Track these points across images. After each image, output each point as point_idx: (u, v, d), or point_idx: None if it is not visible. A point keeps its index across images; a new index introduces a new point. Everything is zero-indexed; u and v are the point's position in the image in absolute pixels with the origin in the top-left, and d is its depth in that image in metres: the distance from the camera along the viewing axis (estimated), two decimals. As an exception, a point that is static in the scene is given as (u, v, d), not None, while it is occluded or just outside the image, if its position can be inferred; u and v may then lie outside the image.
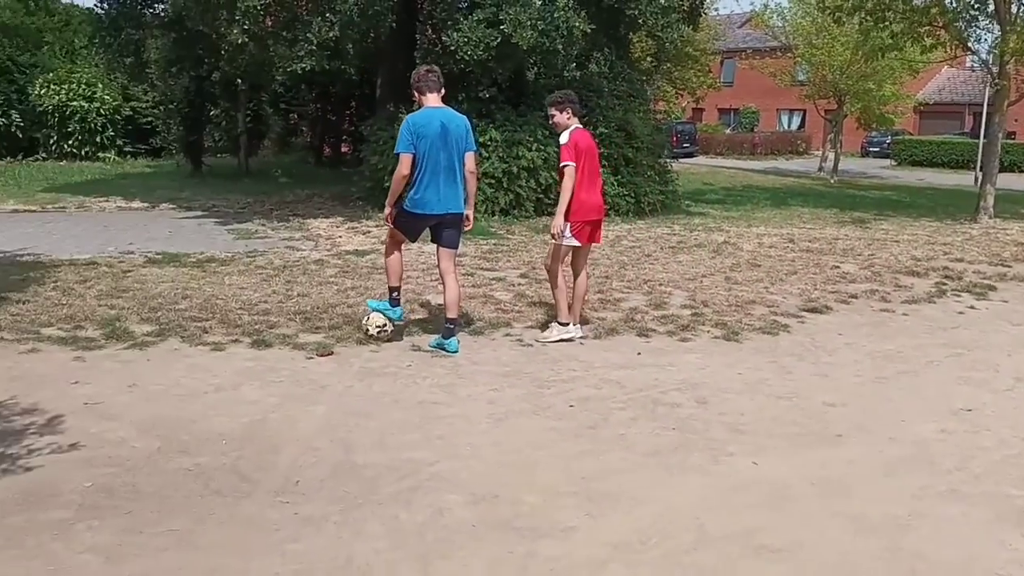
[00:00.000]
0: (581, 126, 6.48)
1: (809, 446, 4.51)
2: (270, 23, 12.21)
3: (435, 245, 6.19)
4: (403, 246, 6.33)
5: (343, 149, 24.09)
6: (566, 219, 6.32)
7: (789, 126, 48.76)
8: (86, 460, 4.04)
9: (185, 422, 4.57)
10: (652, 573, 3.22)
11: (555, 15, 11.77)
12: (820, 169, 29.50)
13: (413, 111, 6.00)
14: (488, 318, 6.93)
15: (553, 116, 6.47)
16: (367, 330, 6.11)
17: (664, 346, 6.33)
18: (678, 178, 16.06)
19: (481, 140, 12.87)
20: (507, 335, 6.51)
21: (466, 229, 6.22)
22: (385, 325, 6.11)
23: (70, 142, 21.48)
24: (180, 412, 4.71)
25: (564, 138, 6.32)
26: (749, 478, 4.07)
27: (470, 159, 6.01)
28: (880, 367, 5.99)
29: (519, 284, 8.30)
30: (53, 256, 9.09)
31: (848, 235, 12.66)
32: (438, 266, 6.26)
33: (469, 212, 6.12)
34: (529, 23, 11.56)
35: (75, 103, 21.17)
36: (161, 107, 21.65)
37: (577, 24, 11.97)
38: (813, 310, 7.57)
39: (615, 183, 13.89)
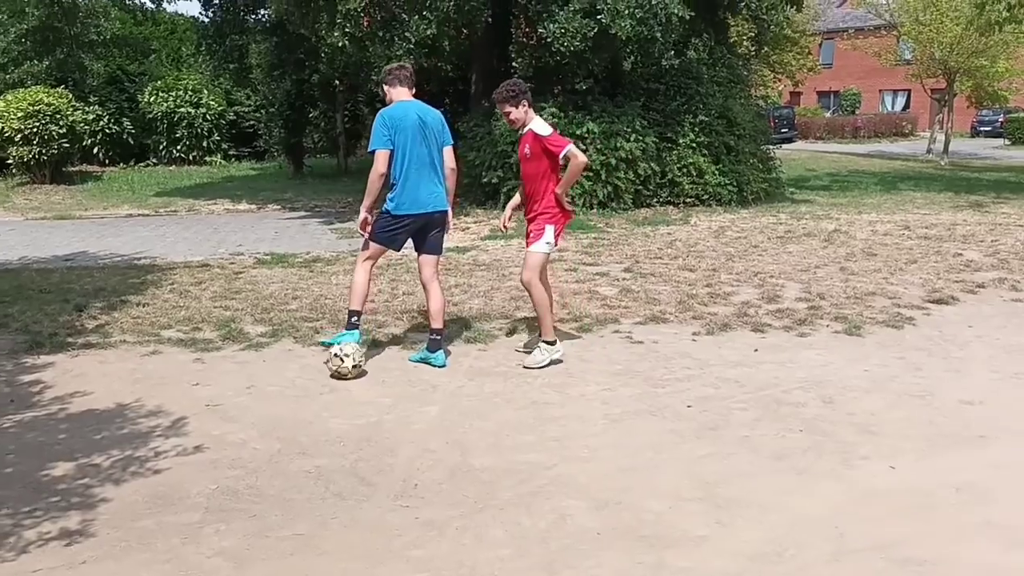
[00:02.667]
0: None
1: (949, 448, 4.24)
2: (367, 23, 12.33)
3: (418, 254, 5.72)
4: (374, 267, 5.86)
5: (438, 146, 24.25)
6: (554, 222, 5.57)
7: (893, 107, 46.91)
8: (210, 462, 4.10)
9: (303, 423, 4.60)
10: (791, 586, 3.05)
11: (653, 2, 11.51)
12: (929, 151, 28.32)
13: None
14: (595, 315, 6.80)
15: (509, 114, 5.53)
16: (342, 372, 5.25)
17: (781, 342, 6.08)
18: (781, 165, 15.58)
19: (578, 133, 12.74)
20: (616, 332, 6.37)
21: (448, 231, 5.77)
22: (356, 354, 5.30)
23: (178, 147, 22.28)
24: (297, 413, 4.75)
25: (545, 129, 5.52)
26: (887, 484, 3.84)
27: (449, 154, 5.59)
28: (1017, 362, 5.60)
29: (624, 279, 8.13)
30: (168, 259, 9.39)
31: (967, 220, 12.02)
32: (420, 275, 5.73)
33: (449, 211, 5.66)
34: (627, 11, 11.35)
35: (182, 109, 21.94)
36: (263, 111, 22.26)
37: (675, 10, 11.68)
38: (938, 301, 7.17)
39: (716, 172, 13.59)
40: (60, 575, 3.13)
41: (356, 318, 5.58)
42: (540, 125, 5.55)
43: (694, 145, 13.54)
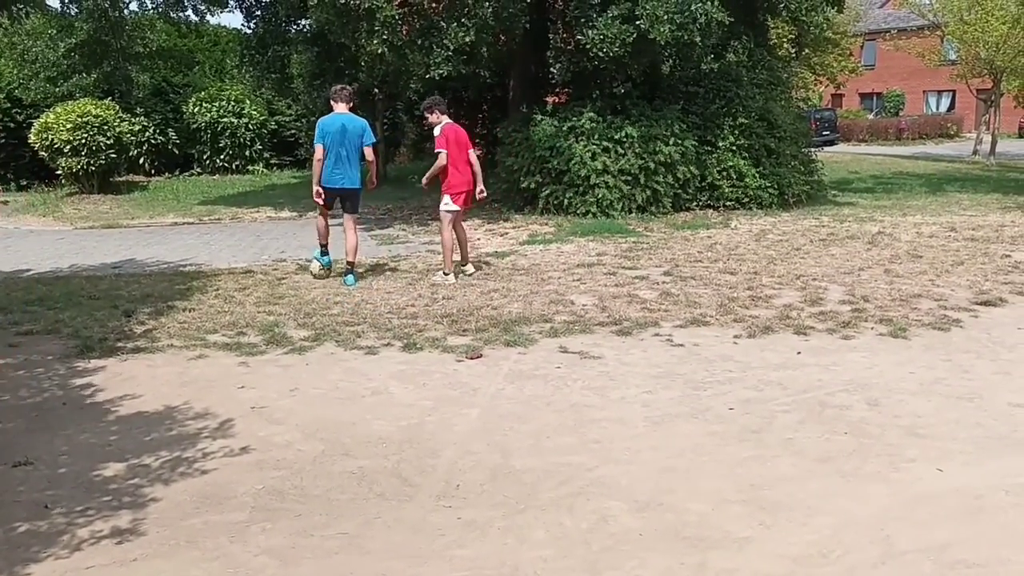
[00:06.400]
0: (452, 122, 8.45)
1: (998, 451, 4.16)
2: (406, 32, 12.42)
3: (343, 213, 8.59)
4: (328, 214, 8.72)
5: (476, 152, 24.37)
6: (448, 192, 8.32)
7: (937, 108, 46.07)
8: (256, 463, 4.17)
9: (346, 425, 4.65)
10: (837, 589, 3.02)
11: (692, 7, 11.46)
12: (975, 152, 27.75)
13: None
14: (635, 318, 6.78)
15: (427, 118, 8.56)
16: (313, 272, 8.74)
17: (825, 344, 6.02)
18: (823, 167, 15.41)
19: (616, 137, 12.73)
20: (656, 335, 6.35)
21: (370, 188, 9.14)
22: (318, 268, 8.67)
23: (222, 157, 22.58)
24: (340, 415, 4.81)
25: (437, 131, 8.28)
26: (935, 487, 3.79)
27: (367, 151, 8.29)
28: (1070, 364, 5.49)
29: (664, 282, 8.11)
30: (212, 265, 9.55)
31: (1015, 221, 11.80)
32: (343, 225, 8.55)
33: (373, 178, 9.02)
34: (666, 17, 11.31)
35: (225, 119, 22.24)
36: (304, 120, 22.49)
37: (715, 14, 11.62)
38: (986, 303, 7.05)
39: (756, 175, 13.47)
40: (112, 572, 3.20)
41: (325, 247, 8.77)
42: (437, 129, 8.32)
43: (734, 148, 13.44)
